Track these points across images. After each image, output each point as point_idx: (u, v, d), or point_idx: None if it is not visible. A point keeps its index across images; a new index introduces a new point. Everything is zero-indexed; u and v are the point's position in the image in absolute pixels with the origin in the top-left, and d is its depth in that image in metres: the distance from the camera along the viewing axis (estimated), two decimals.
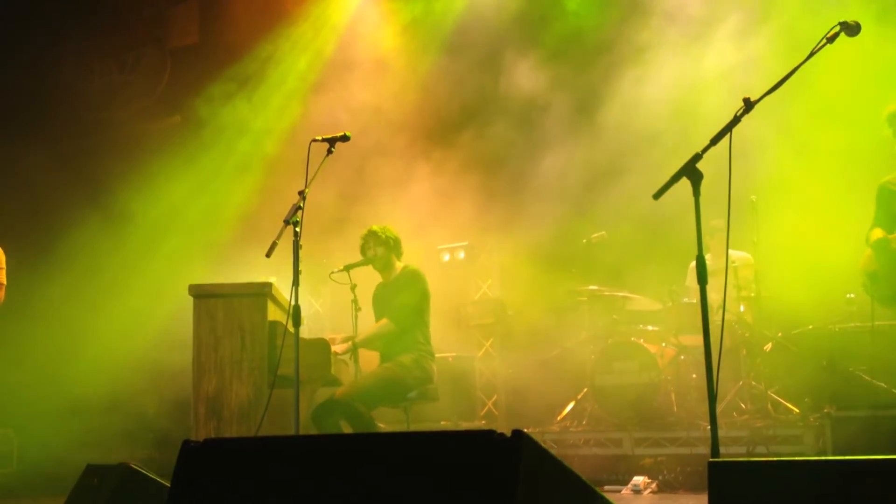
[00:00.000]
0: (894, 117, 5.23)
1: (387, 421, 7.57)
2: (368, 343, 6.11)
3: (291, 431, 4.62)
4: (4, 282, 6.27)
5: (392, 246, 6.21)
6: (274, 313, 5.53)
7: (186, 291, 5.44)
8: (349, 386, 5.81)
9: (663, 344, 7.24)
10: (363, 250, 6.24)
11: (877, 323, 6.00)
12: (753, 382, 6.84)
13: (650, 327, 7.53)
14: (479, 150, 9.11)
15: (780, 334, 7.03)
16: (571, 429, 7.33)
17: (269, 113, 9.62)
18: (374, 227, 6.24)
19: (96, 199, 9.29)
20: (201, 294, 5.44)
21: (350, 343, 6.00)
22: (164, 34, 10.86)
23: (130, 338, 8.42)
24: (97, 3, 10.89)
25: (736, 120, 3.74)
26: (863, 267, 5.44)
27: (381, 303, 6.27)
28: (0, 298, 6.24)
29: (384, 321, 6.03)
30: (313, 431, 5.71)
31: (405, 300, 6.04)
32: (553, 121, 8.48)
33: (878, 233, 5.36)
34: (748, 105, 3.75)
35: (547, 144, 8.54)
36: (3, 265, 6.30)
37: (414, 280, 6.12)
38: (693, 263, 3.76)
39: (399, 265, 6.25)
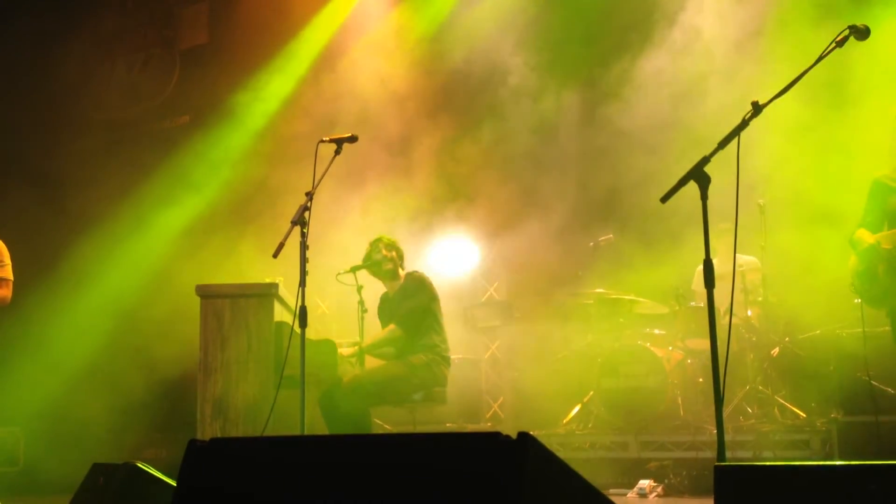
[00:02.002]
0: None
1: (392, 422, 7.58)
2: (375, 348, 6.10)
3: (297, 431, 4.63)
4: (11, 278, 6.10)
5: (399, 255, 6.23)
6: (280, 314, 5.54)
7: (193, 291, 5.45)
8: (356, 376, 5.82)
9: (670, 348, 7.23)
10: (368, 256, 6.22)
11: (885, 329, 5.97)
12: (760, 387, 6.83)
13: (657, 331, 7.52)
14: (486, 151, 9.11)
15: (787, 339, 7.01)
16: (577, 432, 7.32)
17: (277, 114, 9.64)
18: (383, 236, 6.25)
19: (104, 198, 9.31)
20: (208, 294, 5.46)
21: (356, 348, 6.00)
22: (174, 35, 10.88)
23: (137, 337, 8.44)
24: (107, 3, 10.93)
25: (744, 123, 3.73)
26: (852, 266, 5.26)
27: (387, 312, 6.26)
28: (7, 295, 6.07)
29: (391, 327, 6.03)
30: (319, 430, 5.72)
31: (412, 305, 6.03)
32: (562, 122, 8.48)
33: (864, 237, 5.10)
34: (756, 109, 3.74)
35: (555, 146, 8.54)
36: (8, 261, 6.12)
37: (420, 285, 6.12)
38: (700, 267, 3.74)
39: (403, 273, 6.25)
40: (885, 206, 5.01)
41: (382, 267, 6.18)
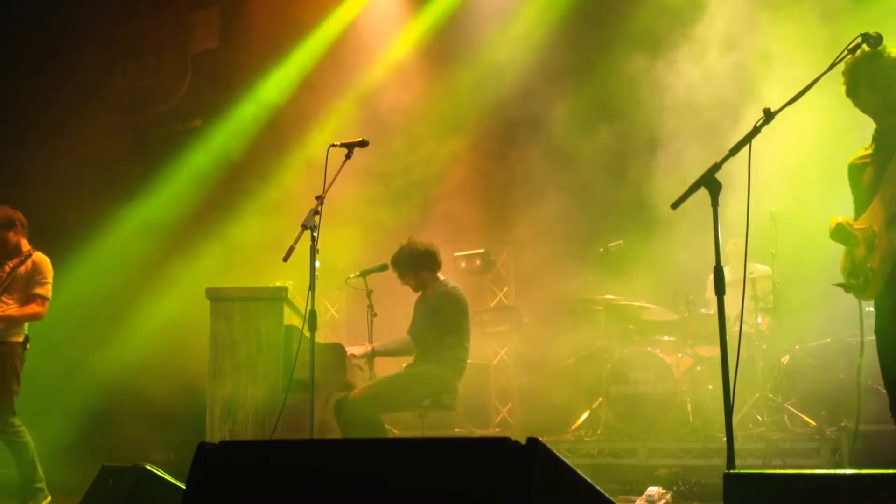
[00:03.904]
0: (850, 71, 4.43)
1: (401, 427, 7.57)
2: (386, 354, 6.11)
3: (306, 435, 4.63)
4: (49, 296, 6.22)
5: (418, 264, 6.07)
6: (290, 317, 5.55)
7: (204, 294, 5.47)
8: (364, 388, 5.82)
9: (679, 354, 7.21)
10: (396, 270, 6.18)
11: None
12: (770, 395, 6.81)
13: (666, 337, 7.50)
14: (497, 156, 9.11)
15: (797, 346, 6.99)
16: (586, 438, 7.30)
17: (284, 116, 9.66)
18: (401, 254, 6.09)
19: (117, 201, 9.35)
20: (218, 297, 5.47)
21: (370, 349, 6.00)
22: (186, 39, 10.93)
23: (147, 339, 8.46)
24: (119, 6, 10.98)
25: (756, 130, 3.72)
26: (840, 264, 4.47)
27: (417, 314, 6.24)
28: (42, 312, 6.19)
29: (406, 338, 6.01)
30: (328, 434, 5.73)
31: (426, 323, 5.98)
32: (571, 127, 8.47)
33: (832, 220, 4.58)
34: (768, 116, 3.73)
35: (564, 152, 8.53)
36: (50, 279, 6.25)
37: (445, 303, 6.01)
38: (712, 275, 3.72)
39: (435, 279, 6.13)
40: (859, 190, 4.36)
41: (403, 282, 6.19)
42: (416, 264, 6.06)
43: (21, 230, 6.30)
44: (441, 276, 6.18)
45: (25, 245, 6.31)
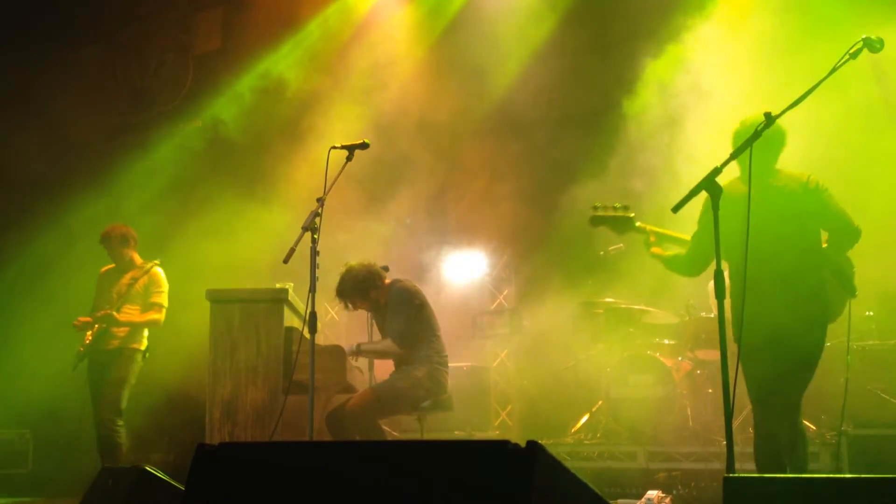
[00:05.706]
0: None
1: (401, 429, 7.58)
2: (372, 353, 6.08)
3: (305, 437, 4.63)
4: (165, 304, 6.60)
5: (365, 287, 5.97)
6: (290, 319, 5.55)
7: (204, 296, 5.46)
8: (360, 397, 5.80)
9: (679, 358, 7.21)
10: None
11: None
12: None
13: (666, 341, 7.49)
14: (499, 160, 9.11)
15: None
16: (585, 441, 7.30)
17: (287, 116, 9.66)
18: (345, 279, 5.99)
19: (116, 201, 9.35)
20: (218, 299, 5.47)
21: (355, 346, 5.93)
22: (188, 39, 10.93)
23: (146, 340, 8.45)
24: (120, 7, 10.98)
25: (756, 135, 3.73)
26: None
27: (381, 324, 6.21)
28: (159, 319, 6.57)
29: (388, 342, 5.89)
30: (327, 437, 5.73)
31: (400, 323, 5.87)
32: (572, 129, 8.47)
33: None
34: (769, 120, 3.74)
35: (568, 155, 8.53)
36: (164, 289, 6.62)
37: (402, 299, 5.94)
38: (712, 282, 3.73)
39: (385, 288, 6.04)
40: None
41: (356, 308, 6.16)
42: (363, 289, 5.95)
43: (133, 245, 6.74)
44: (388, 280, 6.10)
45: (138, 259, 6.73)
